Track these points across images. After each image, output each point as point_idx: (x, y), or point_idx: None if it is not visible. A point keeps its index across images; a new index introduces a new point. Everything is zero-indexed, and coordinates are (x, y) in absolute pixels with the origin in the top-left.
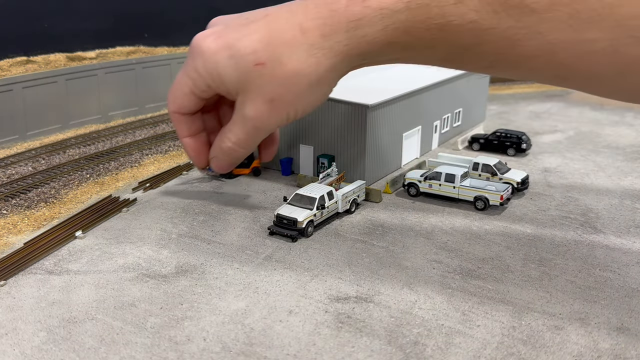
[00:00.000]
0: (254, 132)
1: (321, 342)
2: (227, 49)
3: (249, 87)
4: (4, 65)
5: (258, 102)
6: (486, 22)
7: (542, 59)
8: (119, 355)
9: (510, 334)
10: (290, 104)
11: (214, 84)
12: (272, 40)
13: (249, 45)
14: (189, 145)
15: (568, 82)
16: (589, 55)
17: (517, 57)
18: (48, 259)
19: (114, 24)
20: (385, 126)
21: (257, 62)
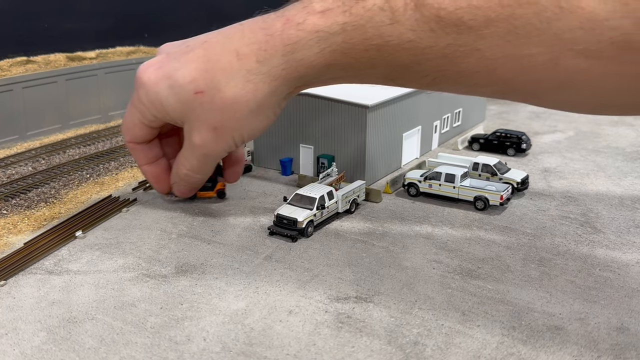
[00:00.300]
0: (204, 159)
1: (321, 342)
2: (166, 79)
3: (192, 115)
4: (4, 65)
5: (202, 130)
6: (424, 41)
7: (483, 75)
8: (119, 355)
9: (510, 334)
10: (233, 130)
11: (159, 114)
12: (210, 68)
13: (187, 74)
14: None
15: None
16: (529, 70)
17: (457, 75)
18: (48, 259)
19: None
20: (385, 126)
21: (196, 91)
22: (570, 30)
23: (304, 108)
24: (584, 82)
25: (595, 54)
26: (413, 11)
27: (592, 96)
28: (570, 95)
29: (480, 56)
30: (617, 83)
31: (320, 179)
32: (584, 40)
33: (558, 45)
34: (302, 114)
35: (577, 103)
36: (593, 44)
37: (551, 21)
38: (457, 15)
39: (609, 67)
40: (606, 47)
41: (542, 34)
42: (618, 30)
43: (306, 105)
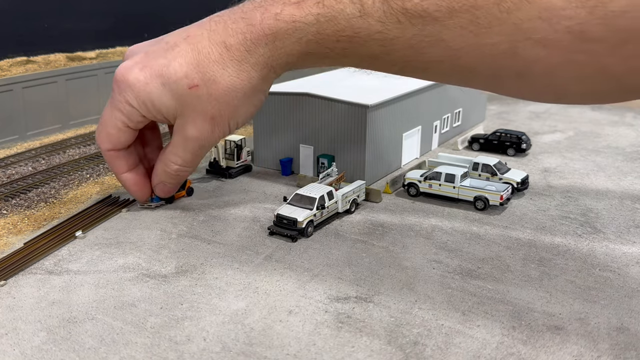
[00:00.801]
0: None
1: (321, 342)
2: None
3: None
4: (4, 65)
5: (199, 122)
6: (391, 32)
7: (447, 65)
8: (119, 355)
9: (510, 334)
10: (230, 117)
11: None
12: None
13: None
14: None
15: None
16: (490, 58)
17: (423, 64)
18: (48, 259)
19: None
20: (385, 126)
21: (190, 85)
22: (529, 20)
23: (304, 108)
24: (542, 70)
25: (552, 43)
26: (381, 3)
27: (551, 84)
28: (530, 83)
29: (445, 46)
30: (573, 71)
31: (320, 179)
32: (542, 29)
33: (517, 35)
34: (302, 114)
35: (537, 91)
36: (550, 33)
37: (511, 11)
38: (422, 7)
39: (566, 55)
40: (563, 37)
41: (503, 24)
42: (573, 19)
43: (306, 105)
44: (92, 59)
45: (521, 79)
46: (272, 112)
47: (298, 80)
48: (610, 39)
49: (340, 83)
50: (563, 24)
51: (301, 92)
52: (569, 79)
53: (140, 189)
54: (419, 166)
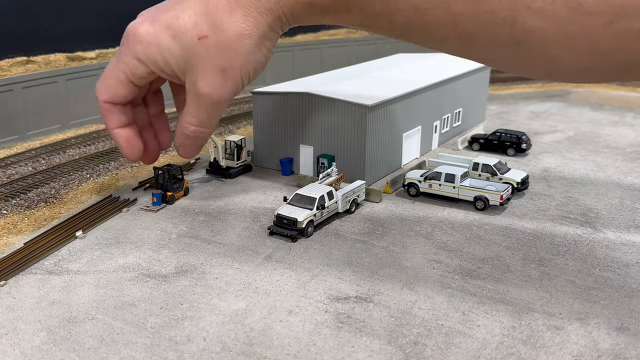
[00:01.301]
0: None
1: (321, 342)
2: (167, 30)
3: (197, 63)
4: (4, 65)
5: (209, 75)
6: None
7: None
8: (119, 355)
9: (510, 334)
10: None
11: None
12: (210, 10)
13: (188, 20)
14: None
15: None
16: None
17: (425, 25)
18: (48, 259)
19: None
20: (385, 126)
21: (200, 36)
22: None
23: (304, 108)
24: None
25: (550, 13)
26: None
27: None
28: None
29: (447, 9)
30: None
31: (320, 179)
32: None
33: (517, 3)
34: (302, 114)
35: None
36: (548, 4)
37: None
38: None
39: (561, 27)
40: (560, 8)
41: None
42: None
43: (306, 105)
44: (92, 59)
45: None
46: (272, 112)
47: (298, 80)
48: (605, 13)
49: (340, 82)
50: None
51: (301, 92)
52: (562, 52)
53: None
54: (419, 166)
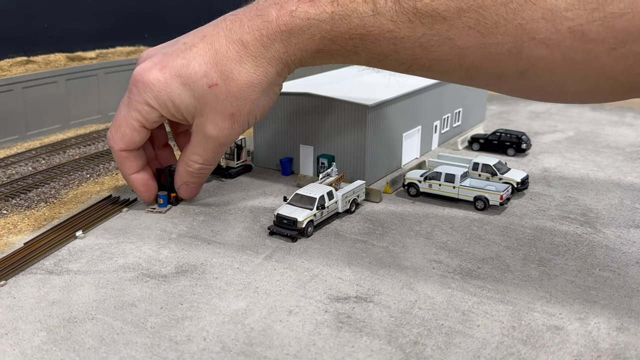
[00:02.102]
0: (219, 148)
1: (321, 342)
2: (177, 78)
3: (206, 108)
4: (4, 65)
5: (218, 120)
6: (402, 31)
7: (453, 63)
8: (119, 355)
9: (510, 334)
10: (249, 112)
11: (168, 114)
12: (219, 60)
13: (198, 69)
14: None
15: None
16: (495, 57)
17: (430, 62)
18: (48, 259)
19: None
20: (385, 126)
21: (210, 84)
22: (533, 20)
23: (304, 108)
24: (544, 69)
25: (554, 42)
26: (393, 3)
27: (551, 83)
28: (531, 81)
29: (453, 45)
30: (573, 71)
31: (320, 179)
32: (545, 29)
33: (522, 35)
34: (302, 114)
35: (538, 89)
36: (553, 34)
37: (516, 12)
38: (432, 7)
39: (567, 55)
40: (564, 37)
41: (508, 24)
42: (575, 20)
43: (306, 105)
44: (92, 59)
45: (524, 77)
46: (272, 112)
47: (298, 80)
48: (608, 40)
49: (340, 83)
50: (565, 25)
51: (301, 92)
52: (568, 78)
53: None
54: (419, 166)
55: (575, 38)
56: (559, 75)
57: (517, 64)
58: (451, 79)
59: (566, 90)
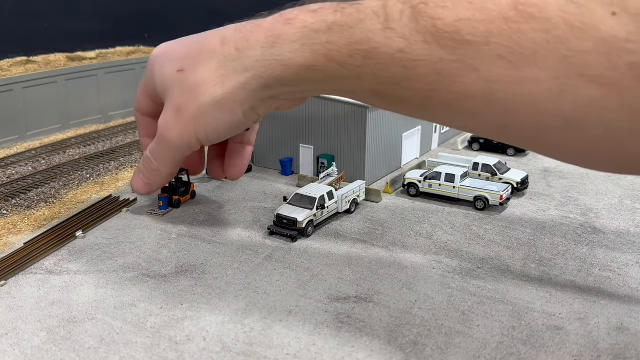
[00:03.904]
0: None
1: (321, 342)
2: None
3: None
4: (4, 65)
5: (168, 110)
6: (415, 53)
7: (479, 101)
8: (119, 355)
9: (510, 334)
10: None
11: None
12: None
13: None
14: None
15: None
16: (532, 97)
17: (452, 95)
18: (48, 259)
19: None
20: (385, 126)
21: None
22: (582, 52)
23: (304, 108)
24: (595, 117)
25: (610, 82)
26: (409, 19)
27: (605, 138)
28: (580, 135)
29: (477, 77)
30: (634, 121)
31: (320, 179)
32: (597, 64)
33: (567, 70)
34: (302, 114)
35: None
36: (608, 70)
37: (561, 41)
38: (455, 28)
39: (627, 100)
40: (623, 75)
41: (549, 55)
42: (638, 54)
43: (306, 105)
44: (92, 59)
45: (569, 129)
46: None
47: None
48: None
49: None
50: (625, 60)
51: None
52: (628, 133)
53: None
54: (419, 166)
55: (638, 77)
56: (615, 129)
57: (560, 108)
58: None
59: (626, 152)
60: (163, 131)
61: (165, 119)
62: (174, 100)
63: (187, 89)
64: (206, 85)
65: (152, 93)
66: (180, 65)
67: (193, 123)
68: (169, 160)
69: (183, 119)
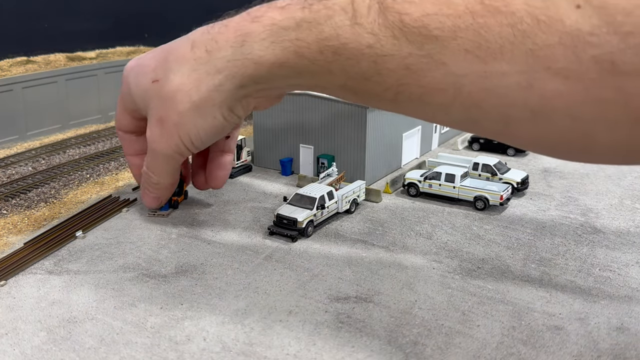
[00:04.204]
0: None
1: (321, 342)
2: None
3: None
4: (4, 65)
5: (152, 122)
6: (384, 48)
7: (449, 94)
8: (119, 355)
9: (510, 334)
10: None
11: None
12: (167, 57)
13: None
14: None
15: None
16: (500, 90)
17: (421, 90)
18: (48, 259)
19: (114, 24)
20: (385, 126)
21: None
22: (548, 46)
23: (304, 108)
24: (563, 110)
25: (575, 74)
26: (377, 15)
27: (572, 129)
28: (547, 126)
29: (446, 71)
30: (601, 113)
31: (320, 179)
32: (563, 57)
33: (533, 63)
34: (302, 114)
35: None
36: (573, 63)
37: (527, 35)
38: (422, 23)
39: (592, 91)
40: (588, 67)
41: (516, 50)
42: (602, 47)
43: (306, 105)
44: (92, 59)
45: (537, 121)
46: (272, 112)
47: None
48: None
49: None
50: (589, 53)
51: (301, 92)
52: (595, 123)
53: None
54: (419, 166)
55: (603, 70)
56: (582, 120)
57: (528, 100)
58: (450, 119)
59: (594, 142)
60: (152, 145)
61: (152, 132)
62: (155, 112)
63: (164, 98)
64: (181, 92)
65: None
66: (153, 75)
67: (176, 131)
68: (166, 171)
69: (166, 128)
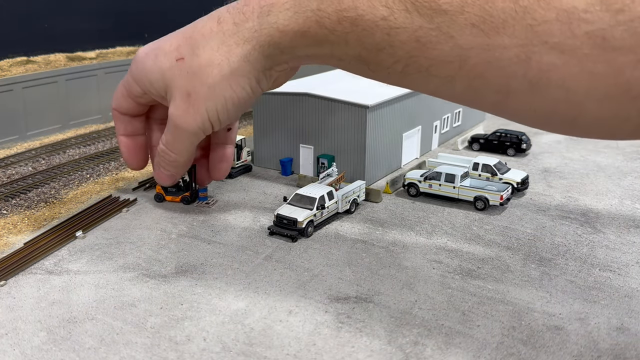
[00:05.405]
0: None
1: (321, 342)
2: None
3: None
4: (4, 65)
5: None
6: (397, 21)
7: (455, 66)
8: (119, 355)
9: (510, 334)
10: (206, 98)
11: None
12: (193, 35)
13: (173, 42)
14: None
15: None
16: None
17: (429, 62)
18: (48, 259)
19: (114, 24)
20: (385, 126)
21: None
22: (546, 21)
23: (304, 108)
24: (557, 82)
25: (570, 49)
26: None
27: (566, 101)
28: (543, 98)
29: (454, 44)
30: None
31: (320, 179)
32: (559, 33)
33: (532, 37)
34: (302, 114)
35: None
36: (568, 38)
37: (527, 11)
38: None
39: (584, 65)
40: (582, 43)
41: (517, 24)
42: (595, 24)
43: (306, 105)
44: (92, 59)
45: (534, 92)
46: (272, 112)
47: (298, 80)
48: (636, 49)
49: (340, 83)
50: (583, 29)
51: (301, 92)
52: (586, 96)
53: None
54: (419, 166)
55: (595, 45)
56: (575, 92)
57: (526, 73)
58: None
59: (585, 114)
60: (176, 120)
61: (176, 107)
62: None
63: (192, 74)
64: (211, 66)
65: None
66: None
67: (204, 104)
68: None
69: (194, 102)
